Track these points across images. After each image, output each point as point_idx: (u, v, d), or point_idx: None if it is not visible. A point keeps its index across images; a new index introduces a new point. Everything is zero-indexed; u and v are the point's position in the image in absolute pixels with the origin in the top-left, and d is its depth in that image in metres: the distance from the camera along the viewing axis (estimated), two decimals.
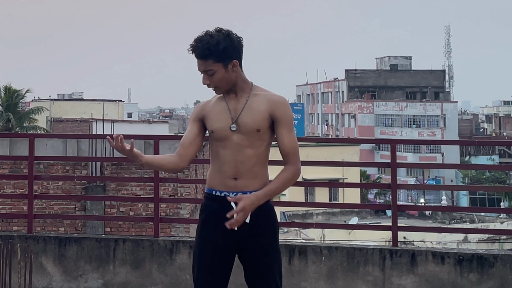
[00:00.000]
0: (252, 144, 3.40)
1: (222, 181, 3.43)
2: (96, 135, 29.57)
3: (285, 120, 3.41)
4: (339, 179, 40.16)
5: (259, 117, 3.39)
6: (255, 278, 3.45)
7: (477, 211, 40.24)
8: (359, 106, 73.00)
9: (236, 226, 3.28)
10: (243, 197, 3.30)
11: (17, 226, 13.74)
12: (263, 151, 3.44)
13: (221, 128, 3.42)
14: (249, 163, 3.40)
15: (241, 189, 3.39)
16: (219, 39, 3.34)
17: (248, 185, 3.40)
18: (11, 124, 41.30)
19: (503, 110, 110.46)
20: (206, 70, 3.37)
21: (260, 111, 3.39)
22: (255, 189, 3.39)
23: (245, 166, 3.40)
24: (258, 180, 3.42)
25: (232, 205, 3.35)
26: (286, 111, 3.42)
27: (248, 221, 3.36)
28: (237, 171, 3.40)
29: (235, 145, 3.40)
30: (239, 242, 3.43)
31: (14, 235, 6.16)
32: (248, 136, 3.39)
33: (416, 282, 5.55)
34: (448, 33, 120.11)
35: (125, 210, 16.07)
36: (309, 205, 27.69)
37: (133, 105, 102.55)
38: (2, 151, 15.64)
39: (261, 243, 3.43)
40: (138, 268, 5.92)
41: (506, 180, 58.19)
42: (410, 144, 62.55)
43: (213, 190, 3.47)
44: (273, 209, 3.52)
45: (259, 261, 3.44)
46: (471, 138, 67.31)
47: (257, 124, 3.38)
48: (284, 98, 3.46)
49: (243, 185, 3.40)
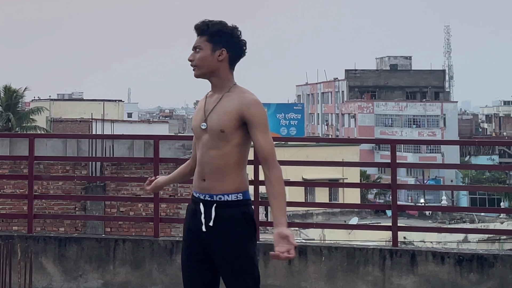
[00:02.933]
0: (217, 145, 3.31)
1: (196, 182, 3.41)
2: (96, 135, 29.59)
3: (257, 121, 3.29)
4: (339, 179, 40.13)
5: (225, 117, 3.29)
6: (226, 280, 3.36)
7: (477, 211, 40.23)
8: (359, 106, 72.99)
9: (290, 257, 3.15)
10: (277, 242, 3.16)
11: (17, 226, 13.73)
12: (229, 152, 3.30)
13: (195, 126, 3.42)
14: (214, 164, 3.31)
15: (208, 191, 3.34)
16: (221, 23, 3.39)
17: (214, 187, 3.32)
18: (11, 124, 41.31)
19: (503, 110, 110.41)
20: (196, 45, 3.41)
21: (227, 112, 3.30)
22: (222, 192, 3.31)
23: (210, 168, 3.32)
24: (225, 183, 3.31)
25: (200, 207, 3.34)
26: (258, 112, 3.30)
27: (211, 224, 3.31)
28: (204, 172, 3.35)
29: (203, 145, 3.36)
30: (206, 245, 3.35)
31: (14, 235, 6.16)
32: (213, 136, 3.32)
33: (416, 282, 5.55)
34: (448, 33, 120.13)
35: (125, 210, 16.07)
36: (309, 205, 27.75)
37: (133, 105, 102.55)
38: (2, 151, 15.64)
39: (226, 250, 3.31)
40: (138, 268, 5.92)
41: (506, 180, 58.16)
42: (410, 144, 62.55)
43: (194, 191, 3.45)
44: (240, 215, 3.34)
45: (226, 268, 3.32)
46: (471, 138, 67.30)
47: (221, 125, 3.29)
48: (256, 99, 3.34)
49: (210, 187, 3.33)
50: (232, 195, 3.33)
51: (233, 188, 3.33)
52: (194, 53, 3.40)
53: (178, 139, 24.89)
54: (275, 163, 3.33)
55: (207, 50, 3.37)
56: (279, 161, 3.51)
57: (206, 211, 3.34)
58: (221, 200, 3.32)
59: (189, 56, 3.42)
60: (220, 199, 3.32)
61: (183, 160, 13.75)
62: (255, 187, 6.17)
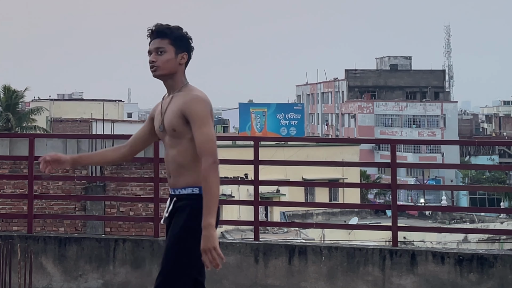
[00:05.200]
0: (174, 144, 3.51)
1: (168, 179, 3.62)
2: (96, 135, 29.59)
3: (192, 116, 3.43)
4: (339, 179, 40.11)
5: (172, 116, 3.48)
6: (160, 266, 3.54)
7: (477, 211, 40.22)
8: (359, 106, 73.00)
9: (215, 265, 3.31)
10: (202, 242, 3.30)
11: (17, 226, 13.71)
12: (186, 149, 3.47)
13: (156, 130, 3.64)
14: (175, 162, 3.51)
15: (173, 186, 3.54)
16: (181, 28, 3.60)
17: (176, 183, 3.52)
18: (11, 124, 41.31)
19: (503, 110, 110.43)
20: (159, 47, 3.52)
21: (174, 111, 3.49)
22: (182, 186, 3.49)
23: (173, 165, 3.53)
24: (185, 177, 3.49)
25: (168, 201, 3.57)
26: (195, 108, 3.43)
27: (166, 215, 3.56)
28: (170, 170, 3.56)
29: (166, 145, 3.58)
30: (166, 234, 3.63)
31: (14, 235, 6.16)
32: (169, 136, 3.53)
33: (416, 282, 5.55)
34: (448, 33, 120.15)
35: (125, 210, 16.07)
36: (309, 205, 27.76)
37: (133, 105, 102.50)
38: (2, 151, 15.63)
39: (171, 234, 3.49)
40: (138, 268, 5.92)
41: (506, 180, 58.16)
42: (410, 144, 62.54)
43: None
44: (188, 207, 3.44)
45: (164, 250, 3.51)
46: (471, 138, 67.28)
47: (171, 124, 3.48)
48: (196, 95, 3.48)
49: (174, 183, 3.54)
50: (187, 189, 3.48)
51: (190, 182, 3.49)
52: (156, 55, 3.53)
53: None
54: (209, 155, 3.37)
55: (170, 52, 3.54)
56: (279, 161, 3.52)
57: (169, 204, 3.58)
58: (179, 194, 3.52)
59: (152, 57, 3.54)
60: (179, 193, 3.52)
61: None
62: (255, 187, 6.17)
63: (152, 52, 3.54)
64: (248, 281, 5.77)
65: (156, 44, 3.53)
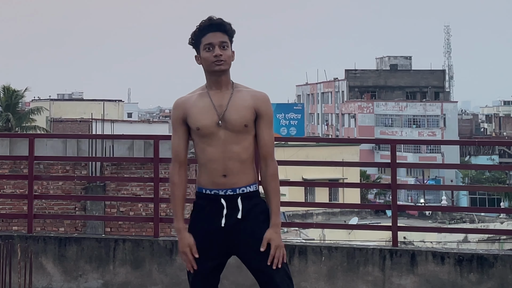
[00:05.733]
0: (240, 140, 3.39)
1: (211, 179, 3.41)
2: (96, 135, 29.56)
3: (267, 117, 3.44)
4: (339, 179, 40.16)
5: (245, 112, 3.39)
6: (262, 269, 3.39)
7: (477, 211, 40.25)
8: (359, 106, 73.01)
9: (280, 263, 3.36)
10: (270, 237, 3.37)
11: (17, 226, 13.73)
12: (249, 145, 3.43)
13: (208, 125, 3.39)
14: (237, 159, 3.39)
15: (231, 186, 3.39)
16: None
17: (237, 182, 3.40)
18: (11, 124, 41.31)
19: (503, 110, 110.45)
20: (223, 41, 3.41)
21: (245, 107, 3.40)
22: (244, 185, 3.40)
23: (233, 162, 3.38)
24: (247, 175, 3.42)
25: (222, 202, 3.38)
26: (269, 108, 3.47)
27: (240, 217, 3.38)
28: (226, 168, 3.38)
29: (222, 142, 3.38)
30: (231, 239, 3.40)
31: (14, 235, 6.16)
32: (235, 132, 3.38)
33: (416, 282, 5.55)
34: (448, 33, 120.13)
35: (125, 210, 16.07)
36: (309, 205, 27.72)
37: (133, 105, 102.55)
38: (2, 151, 15.63)
39: (258, 236, 3.38)
40: (138, 268, 5.92)
41: (506, 180, 58.18)
42: (410, 144, 62.55)
43: (203, 189, 3.45)
44: (263, 202, 3.50)
45: (259, 252, 3.38)
46: (471, 138, 67.31)
47: (244, 120, 3.38)
48: (266, 95, 3.49)
49: (233, 182, 3.39)
50: (253, 186, 3.45)
51: (252, 180, 3.46)
52: (220, 49, 3.41)
53: None
54: (274, 160, 3.48)
55: (230, 48, 3.46)
56: (279, 161, 3.53)
57: (229, 205, 3.39)
58: (244, 192, 3.41)
59: (218, 51, 3.39)
60: (243, 192, 3.41)
61: None
62: None
63: (216, 45, 3.40)
64: (248, 281, 5.76)
65: (220, 38, 3.41)
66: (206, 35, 3.42)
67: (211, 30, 3.41)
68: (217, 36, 3.40)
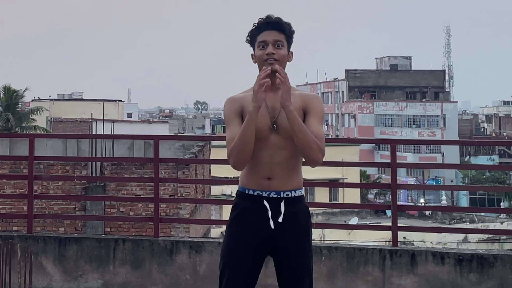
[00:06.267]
0: (287, 145, 3.31)
1: (255, 181, 3.36)
2: (96, 135, 29.58)
3: (314, 111, 3.34)
4: (339, 179, 40.15)
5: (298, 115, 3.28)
6: (289, 278, 3.37)
7: (477, 211, 40.26)
8: (359, 106, 73.00)
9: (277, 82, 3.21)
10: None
11: (17, 226, 13.74)
12: (298, 151, 3.33)
13: (261, 128, 3.28)
14: (285, 164, 3.34)
15: (275, 189, 3.34)
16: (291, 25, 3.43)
17: (282, 185, 3.35)
18: (11, 124, 41.30)
19: (503, 110, 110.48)
20: (278, 40, 3.34)
21: (297, 109, 3.29)
22: (289, 189, 3.36)
23: (280, 167, 3.33)
24: (291, 180, 3.37)
25: (265, 204, 3.34)
26: (318, 105, 3.37)
27: (280, 220, 3.34)
28: (272, 172, 3.33)
29: (271, 146, 3.31)
30: (271, 241, 3.36)
31: (14, 235, 6.16)
32: (285, 137, 3.30)
33: (416, 282, 5.55)
34: (448, 33, 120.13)
35: (125, 210, 16.07)
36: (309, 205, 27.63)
37: (133, 105, 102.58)
38: (2, 151, 15.65)
39: (295, 243, 3.35)
40: (138, 268, 5.92)
41: (506, 180, 58.19)
42: (410, 144, 62.53)
43: (246, 189, 3.40)
44: (307, 210, 3.47)
45: (293, 260, 3.35)
46: (471, 138, 67.33)
47: None
48: (317, 95, 3.46)
49: (277, 185, 3.34)
50: (298, 191, 3.41)
51: (298, 185, 3.42)
52: (274, 48, 3.34)
53: (178, 139, 24.88)
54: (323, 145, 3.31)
55: (285, 48, 3.38)
56: None
57: (272, 208, 3.35)
58: (289, 197, 3.37)
59: (271, 49, 3.33)
60: (287, 196, 3.36)
61: (183, 160, 13.60)
62: None
63: (270, 43, 3.33)
64: None
65: (275, 36, 3.34)
66: (261, 33, 3.37)
67: (267, 28, 3.36)
68: (272, 35, 3.35)
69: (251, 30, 3.42)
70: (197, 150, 19.25)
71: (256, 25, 3.39)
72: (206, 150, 20.45)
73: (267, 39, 3.34)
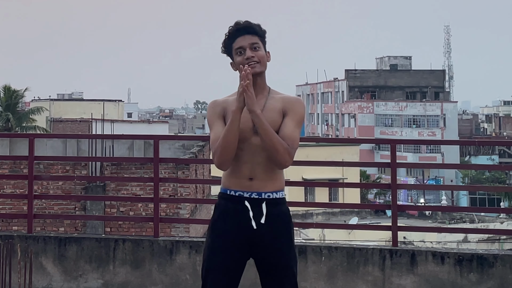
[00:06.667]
0: None
1: (237, 181, 3.39)
2: (96, 135, 29.58)
3: (293, 113, 3.37)
4: (339, 179, 40.14)
5: (276, 118, 3.35)
6: (271, 279, 3.39)
7: (477, 211, 40.24)
8: (359, 106, 73.01)
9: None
10: None
11: (17, 226, 13.74)
12: None
13: (243, 130, 3.33)
14: (266, 165, 3.35)
15: (256, 190, 3.37)
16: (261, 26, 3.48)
17: (263, 186, 3.37)
18: (11, 124, 41.31)
19: (503, 110, 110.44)
20: (254, 43, 3.39)
21: (277, 112, 3.36)
22: (270, 190, 3.38)
23: (262, 168, 3.36)
24: (273, 181, 3.39)
25: (247, 205, 3.35)
26: (297, 108, 3.40)
27: (263, 221, 3.35)
28: (254, 172, 3.36)
29: (253, 147, 3.35)
30: (252, 242, 3.38)
31: (14, 235, 6.16)
32: None
33: (416, 282, 5.55)
34: (448, 33, 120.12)
35: (125, 210, 16.07)
36: (309, 205, 27.71)
37: (133, 105, 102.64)
38: (2, 151, 15.65)
39: (277, 245, 3.37)
40: (138, 268, 5.92)
41: (506, 180, 58.20)
42: (410, 144, 62.54)
43: (228, 190, 3.43)
44: (288, 212, 3.49)
45: (274, 261, 3.37)
46: (471, 138, 67.35)
47: (276, 126, 3.33)
48: (299, 98, 3.49)
49: (259, 186, 3.37)
50: (279, 193, 3.42)
51: (280, 186, 3.42)
52: (252, 50, 3.38)
53: (178, 139, 24.89)
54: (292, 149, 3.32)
55: (262, 49, 3.43)
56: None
57: (253, 209, 3.37)
58: (270, 198, 3.38)
59: (249, 53, 3.37)
60: (269, 197, 3.38)
61: (183, 160, 13.57)
62: None
63: (247, 48, 3.37)
64: (248, 281, 5.76)
65: (250, 40, 3.38)
66: (236, 40, 3.41)
67: (240, 34, 3.40)
68: (247, 39, 3.39)
69: (224, 40, 3.47)
70: (197, 150, 19.26)
71: (228, 34, 3.44)
72: (206, 150, 20.45)
73: (243, 44, 3.39)
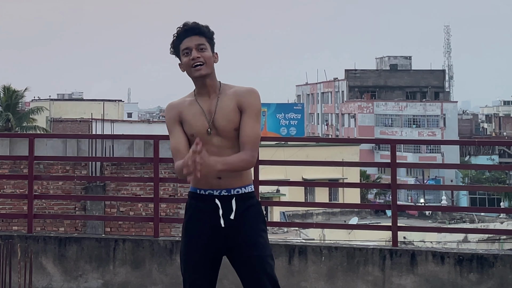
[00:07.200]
0: (229, 145, 3.39)
1: (206, 181, 3.39)
2: (96, 135, 29.56)
3: (250, 109, 3.38)
4: (339, 179, 40.12)
5: (232, 116, 3.37)
6: (246, 271, 3.40)
7: (477, 211, 40.22)
8: (359, 106, 73.01)
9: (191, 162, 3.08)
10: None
11: (17, 226, 13.73)
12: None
13: (200, 132, 3.38)
14: None
15: (226, 187, 3.40)
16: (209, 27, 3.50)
17: (232, 183, 3.40)
18: (11, 124, 41.32)
19: (503, 110, 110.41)
20: (200, 44, 3.40)
21: (231, 109, 3.38)
22: (239, 186, 3.41)
23: None
24: (241, 176, 3.42)
25: (217, 202, 3.39)
26: (253, 100, 3.40)
27: (232, 217, 3.38)
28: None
29: (216, 147, 3.37)
30: (225, 239, 3.41)
31: (14, 235, 6.16)
32: (224, 137, 3.38)
33: (416, 282, 5.55)
34: (448, 33, 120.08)
35: (125, 210, 16.07)
36: (309, 205, 27.77)
37: (133, 105, 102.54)
38: (2, 151, 15.63)
39: (248, 237, 3.39)
40: (138, 268, 5.92)
41: (506, 180, 58.18)
42: (410, 144, 62.56)
43: (197, 189, 3.46)
44: (258, 205, 3.51)
45: (247, 254, 3.38)
46: (471, 138, 67.31)
47: (233, 124, 3.37)
48: (252, 88, 3.46)
49: (228, 183, 3.40)
50: (248, 187, 3.46)
51: (248, 181, 3.46)
52: (198, 51, 3.40)
53: None
54: (254, 150, 3.37)
55: (209, 50, 3.44)
56: (279, 161, 3.51)
57: (223, 206, 3.40)
58: (239, 193, 3.42)
59: (195, 54, 3.39)
60: (238, 192, 3.42)
61: None
62: (255, 187, 6.16)
63: (193, 48, 3.39)
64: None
65: (196, 41, 3.40)
66: (183, 41, 3.43)
67: (187, 35, 3.42)
68: (194, 40, 3.40)
69: (172, 41, 3.49)
70: None
71: (176, 35, 3.46)
72: None
73: (190, 45, 3.40)
